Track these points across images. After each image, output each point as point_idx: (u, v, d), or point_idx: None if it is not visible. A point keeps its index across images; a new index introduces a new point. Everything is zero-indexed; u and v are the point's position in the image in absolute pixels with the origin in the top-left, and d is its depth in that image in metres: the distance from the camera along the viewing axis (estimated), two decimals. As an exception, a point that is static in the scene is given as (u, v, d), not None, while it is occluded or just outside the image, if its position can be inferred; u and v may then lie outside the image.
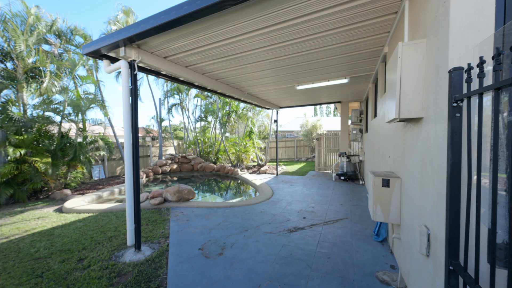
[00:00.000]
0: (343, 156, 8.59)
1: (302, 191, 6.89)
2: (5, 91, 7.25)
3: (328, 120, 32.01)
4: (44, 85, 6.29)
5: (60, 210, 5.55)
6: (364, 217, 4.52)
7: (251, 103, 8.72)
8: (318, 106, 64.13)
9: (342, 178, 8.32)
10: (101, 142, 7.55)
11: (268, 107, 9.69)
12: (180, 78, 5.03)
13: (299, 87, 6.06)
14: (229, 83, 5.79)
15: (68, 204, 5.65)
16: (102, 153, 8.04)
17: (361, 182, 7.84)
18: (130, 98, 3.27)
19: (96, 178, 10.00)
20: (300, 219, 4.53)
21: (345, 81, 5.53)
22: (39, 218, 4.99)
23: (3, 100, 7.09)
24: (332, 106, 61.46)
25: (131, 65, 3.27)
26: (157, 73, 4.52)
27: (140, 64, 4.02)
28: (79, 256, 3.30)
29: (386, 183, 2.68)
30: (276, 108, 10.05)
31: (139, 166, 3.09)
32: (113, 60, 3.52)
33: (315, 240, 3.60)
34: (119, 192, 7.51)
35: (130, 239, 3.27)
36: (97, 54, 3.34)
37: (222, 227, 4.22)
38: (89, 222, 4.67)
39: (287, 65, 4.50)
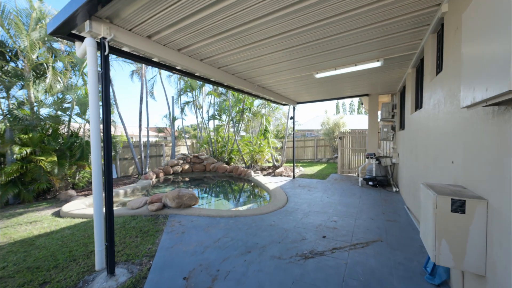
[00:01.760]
0: (371, 158, 7.36)
1: (322, 199, 5.87)
2: (20, 91, 7.29)
3: (352, 118, 30.01)
4: (47, 81, 6.06)
5: (57, 213, 5.22)
6: (405, 240, 3.43)
7: (264, 98, 7.85)
8: (340, 104, 61.11)
9: (371, 183, 7.10)
10: (106, 141, 7.24)
11: (284, 102, 8.74)
12: (177, 67, 4.34)
13: (319, 75, 5.05)
14: (235, 72, 4.99)
15: (65, 208, 5.31)
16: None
17: (394, 189, 6.58)
18: (100, 86, 2.63)
19: (108, 178, 9.88)
20: (319, 239, 3.58)
21: (377, 64, 4.42)
22: (32, 223, 4.66)
23: (19, 99, 7.13)
24: (356, 103, 58.08)
25: (101, 44, 2.61)
26: (148, 61, 3.87)
27: (125, 48, 3.39)
28: (45, 278, 2.73)
29: (459, 207, 1.66)
30: (293, 103, 9.06)
31: (112, 170, 2.38)
32: (87, 41, 2.90)
33: (339, 274, 2.64)
34: (124, 194, 7.14)
35: (98, 262, 2.61)
36: (64, 34, 2.73)
37: (220, 245, 3.43)
38: (78, 230, 4.19)
39: (302, 43, 3.56)
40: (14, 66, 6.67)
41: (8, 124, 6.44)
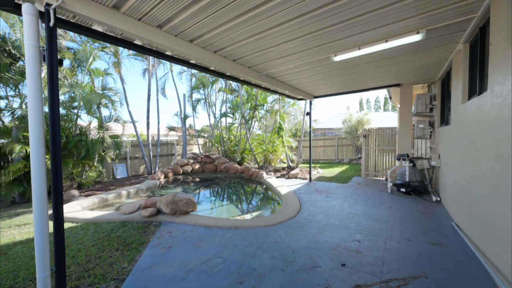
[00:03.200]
0: (404, 160, 6.17)
1: (342, 208, 4.91)
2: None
3: (378, 115, 27.80)
4: (42, 75, 5.88)
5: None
6: (461, 278, 2.42)
7: (276, 92, 7.03)
8: (364, 100, 57.65)
9: (403, 190, 5.93)
10: (109, 140, 6.98)
11: (300, 96, 7.82)
12: (166, 53, 3.74)
13: (338, 58, 4.12)
14: (236, 58, 4.24)
15: (60, 209, 5.01)
16: (114, 151, 7.53)
17: (434, 198, 5.36)
18: (48, 66, 2.06)
19: (119, 177, 9.80)
20: (336, 267, 2.71)
21: (416, 38, 3.37)
22: (21, 226, 4.38)
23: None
24: (382, 99, 54.21)
25: (45, 13, 2.04)
26: (130, 44, 3.30)
27: (97, 27, 2.84)
28: (-10, 303, 2.25)
29: None
30: (310, 98, 8.10)
31: (62, 174, 1.75)
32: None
33: (365, 335, 1.78)
34: (126, 194, 6.80)
35: (41, 293, 2.05)
36: (10, 6, 2.20)
37: (208, 269, 2.72)
38: (60, 237, 3.77)
39: (317, 7, 2.70)
40: (23, 64, 6.66)
41: (16, 123, 6.44)
